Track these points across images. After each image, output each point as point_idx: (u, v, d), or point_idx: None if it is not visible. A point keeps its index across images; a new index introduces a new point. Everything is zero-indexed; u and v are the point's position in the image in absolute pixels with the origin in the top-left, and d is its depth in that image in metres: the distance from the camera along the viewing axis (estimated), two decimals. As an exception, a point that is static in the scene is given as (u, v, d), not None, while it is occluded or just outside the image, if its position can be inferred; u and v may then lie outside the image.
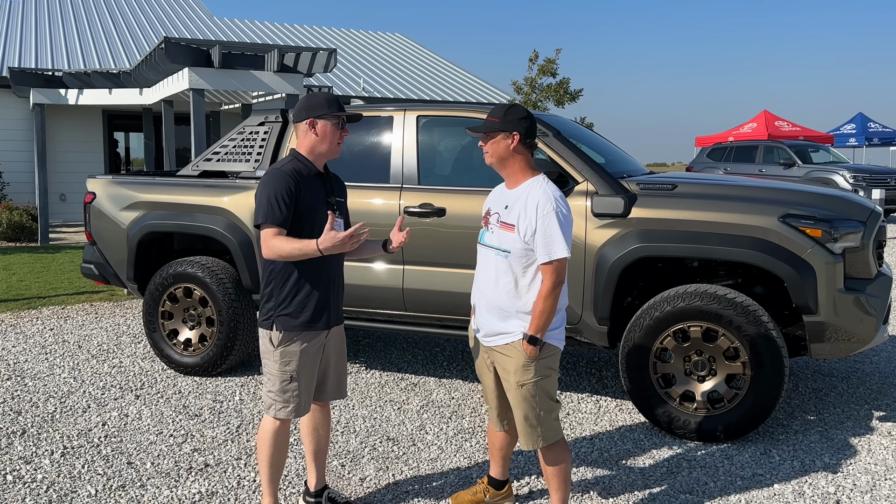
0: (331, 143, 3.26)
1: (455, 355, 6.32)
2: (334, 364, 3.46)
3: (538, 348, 3.13)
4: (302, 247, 3.08)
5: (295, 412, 3.28)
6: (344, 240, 3.01)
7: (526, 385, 3.17)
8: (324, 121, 3.23)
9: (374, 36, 27.76)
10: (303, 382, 3.27)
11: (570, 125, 5.64)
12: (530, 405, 3.19)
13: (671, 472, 4.05)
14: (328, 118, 3.22)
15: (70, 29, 20.88)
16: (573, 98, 20.09)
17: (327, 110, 3.22)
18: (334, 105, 3.24)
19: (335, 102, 3.26)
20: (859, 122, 29.73)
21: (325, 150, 3.27)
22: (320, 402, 3.51)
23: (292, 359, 3.25)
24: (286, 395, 3.26)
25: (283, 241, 3.11)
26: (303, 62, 10.98)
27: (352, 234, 3.00)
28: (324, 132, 3.24)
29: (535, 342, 3.12)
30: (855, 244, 4.37)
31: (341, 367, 3.51)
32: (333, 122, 3.24)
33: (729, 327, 4.31)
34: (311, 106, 3.24)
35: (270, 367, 3.29)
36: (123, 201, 5.94)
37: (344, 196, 3.46)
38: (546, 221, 3.06)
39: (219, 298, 5.52)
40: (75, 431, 4.55)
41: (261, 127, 5.76)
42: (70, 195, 16.62)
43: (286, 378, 3.25)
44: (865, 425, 4.75)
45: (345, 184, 3.56)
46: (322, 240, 3.03)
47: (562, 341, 3.25)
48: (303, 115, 3.25)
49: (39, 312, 7.82)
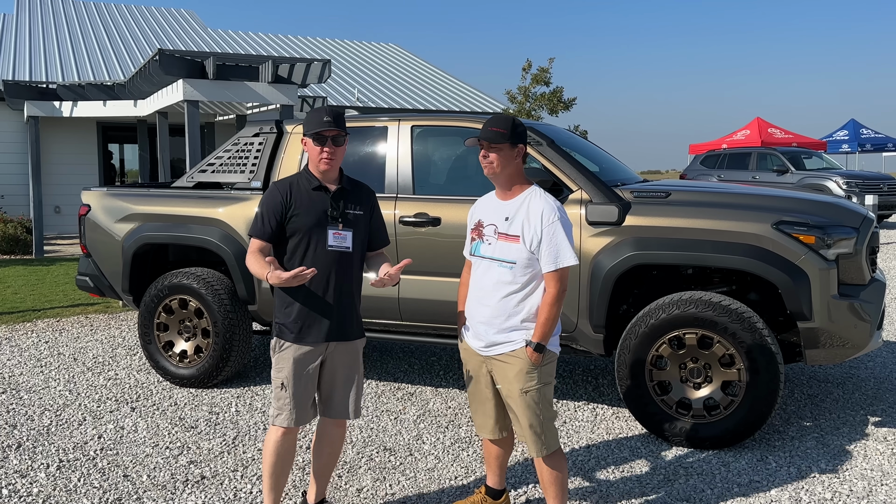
0: (315, 160, 3.31)
1: (451, 364, 6.31)
2: (343, 380, 3.40)
3: (542, 355, 3.16)
4: (258, 272, 3.21)
5: (288, 420, 3.28)
6: (287, 279, 3.06)
7: (530, 392, 3.19)
8: (307, 137, 3.31)
9: (368, 46, 27.83)
10: (295, 391, 3.28)
11: (563, 134, 5.67)
12: (534, 412, 3.20)
13: (668, 480, 4.05)
14: (308, 135, 3.30)
15: (64, 41, 20.90)
16: (567, 107, 20.16)
17: (309, 128, 3.29)
18: (311, 123, 3.29)
19: (312, 120, 3.28)
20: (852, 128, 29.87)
21: (314, 165, 3.34)
22: (332, 419, 3.46)
23: (284, 365, 3.30)
24: (279, 403, 3.30)
25: (252, 258, 3.27)
26: (297, 73, 11.01)
27: (295, 275, 3.05)
28: (310, 149, 3.31)
29: (541, 349, 3.15)
30: (848, 250, 4.39)
31: (350, 384, 3.42)
32: (312, 139, 3.29)
33: (724, 334, 4.32)
34: (305, 123, 3.33)
35: (272, 373, 3.37)
36: (118, 213, 5.94)
37: (365, 208, 3.42)
38: (552, 230, 3.10)
39: (214, 310, 5.51)
40: (71, 444, 4.54)
41: (255, 138, 5.77)
42: (65, 207, 16.61)
43: (278, 385, 3.31)
44: (861, 431, 4.76)
45: (373, 194, 3.50)
46: (270, 273, 3.10)
47: (558, 348, 3.30)
48: (303, 131, 3.34)
49: (34, 325, 7.80)
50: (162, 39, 22.60)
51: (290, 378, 3.28)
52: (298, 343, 3.28)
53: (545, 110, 20.26)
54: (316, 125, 3.26)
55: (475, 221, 3.35)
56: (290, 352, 3.28)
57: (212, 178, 5.92)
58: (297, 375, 3.29)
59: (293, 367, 3.28)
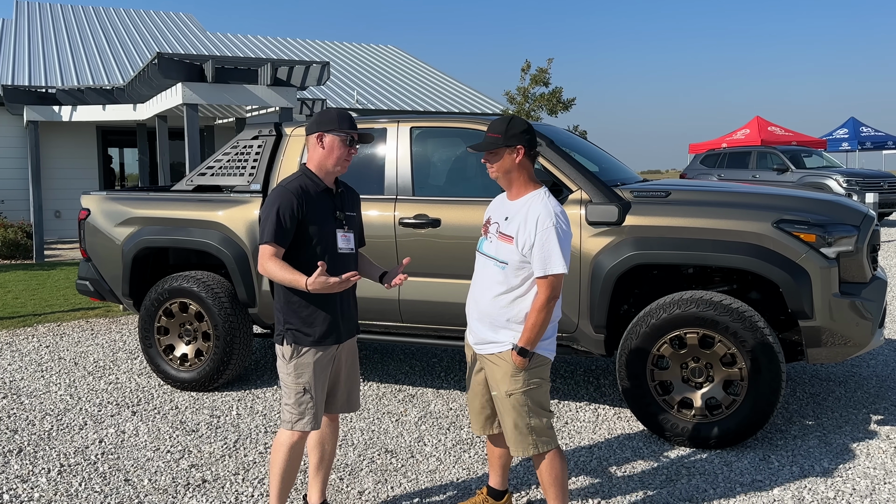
0: (337, 159, 3.25)
1: (452, 366, 6.31)
2: (345, 376, 3.46)
3: (527, 360, 3.14)
4: (292, 280, 3.10)
5: (312, 424, 3.28)
6: (333, 285, 3.03)
7: (514, 395, 3.18)
8: (332, 135, 3.24)
9: (367, 48, 27.84)
10: (316, 394, 3.28)
11: (563, 134, 5.66)
12: (518, 414, 3.19)
13: (670, 480, 4.04)
14: (336, 133, 3.23)
15: (63, 45, 20.91)
16: (566, 107, 20.13)
17: (337, 126, 3.23)
18: (346, 122, 3.25)
19: (347, 119, 3.27)
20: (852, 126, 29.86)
21: (331, 165, 3.27)
22: (330, 415, 3.50)
23: (305, 371, 3.26)
24: (301, 408, 3.27)
25: (278, 265, 3.13)
26: (296, 75, 11.01)
27: (342, 280, 3.03)
28: (331, 147, 3.24)
29: (525, 354, 3.12)
30: (849, 248, 4.38)
31: (353, 379, 3.51)
32: (342, 137, 3.24)
33: (725, 333, 4.31)
34: (323, 120, 3.26)
35: (285, 380, 3.30)
36: (118, 217, 5.94)
37: (356, 210, 3.47)
38: (545, 236, 3.06)
39: (215, 313, 5.51)
40: (72, 449, 4.53)
41: (255, 141, 5.76)
42: (65, 212, 16.61)
43: (300, 390, 3.26)
44: (864, 429, 4.75)
45: (359, 197, 3.53)
46: (311, 281, 3.04)
47: (552, 352, 3.26)
48: (313, 129, 3.27)
49: (35, 330, 7.80)
50: (161, 43, 22.61)
51: (313, 382, 3.26)
52: (318, 346, 3.26)
53: (544, 111, 20.23)
54: (347, 124, 3.24)
55: (486, 218, 3.37)
56: (309, 356, 3.25)
57: (211, 182, 5.92)
58: (319, 379, 3.28)
59: (314, 370, 3.26)
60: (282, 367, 3.31)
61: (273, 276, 3.15)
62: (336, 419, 3.55)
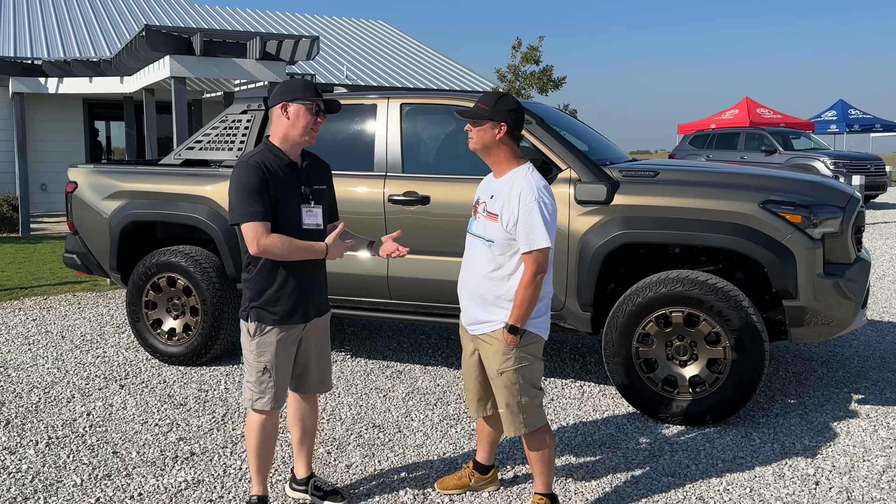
0: (304, 128, 3.15)
1: (440, 343, 6.34)
2: (316, 356, 3.43)
3: (518, 337, 3.15)
4: (308, 248, 3.12)
5: (271, 404, 3.25)
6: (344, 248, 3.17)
7: (506, 373, 3.19)
8: (297, 105, 3.14)
9: (357, 23, 27.60)
10: (278, 373, 3.24)
11: (553, 113, 5.66)
12: (511, 392, 3.21)
13: (654, 456, 4.10)
14: (301, 102, 3.14)
15: (49, 16, 20.62)
16: (556, 85, 20.09)
17: (301, 94, 3.14)
18: (310, 90, 3.16)
19: (311, 88, 3.18)
20: (840, 108, 29.97)
21: (296, 135, 3.16)
22: (305, 395, 3.50)
23: (267, 349, 3.22)
24: (262, 387, 3.24)
25: (280, 239, 3.07)
26: (285, 50, 10.93)
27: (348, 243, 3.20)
28: (296, 116, 3.15)
29: (515, 331, 3.13)
30: (834, 229, 4.42)
31: (324, 359, 3.47)
32: (307, 106, 3.15)
33: (710, 312, 4.35)
34: (286, 90, 3.17)
35: (247, 357, 3.27)
36: (105, 191, 5.90)
37: (326, 183, 3.39)
38: (528, 211, 3.06)
39: (202, 288, 5.50)
40: (60, 421, 4.54)
41: (243, 115, 5.74)
42: (51, 185, 16.47)
43: (261, 369, 3.23)
44: (844, 408, 4.82)
45: (330, 170, 3.48)
46: (332, 248, 3.16)
47: (545, 330, 3.26)
48: (277, 100, 3.18)
49: (22, 303, 7.77)
50: (149, 15, 22.32)
51: (274, 362, 3.23)
52: (282, 325, 3.22)
53: (535, 89, 20.18)
54: (312, 92, 3.15)
55: (476, 198, 3.36)
56: (272, 335, 3.21)
57: (199, 156, 5.89)
58: (281, 358, 3.25)
59: (276, 350, 3.22)
60: (245, 344, 3.26)
61: (275, 250, 3.06)
62: (314, 398, 3.52)
